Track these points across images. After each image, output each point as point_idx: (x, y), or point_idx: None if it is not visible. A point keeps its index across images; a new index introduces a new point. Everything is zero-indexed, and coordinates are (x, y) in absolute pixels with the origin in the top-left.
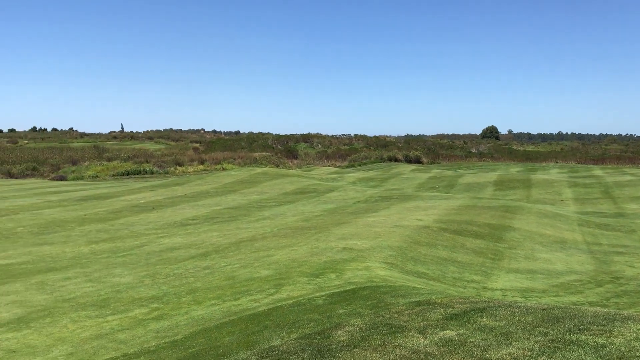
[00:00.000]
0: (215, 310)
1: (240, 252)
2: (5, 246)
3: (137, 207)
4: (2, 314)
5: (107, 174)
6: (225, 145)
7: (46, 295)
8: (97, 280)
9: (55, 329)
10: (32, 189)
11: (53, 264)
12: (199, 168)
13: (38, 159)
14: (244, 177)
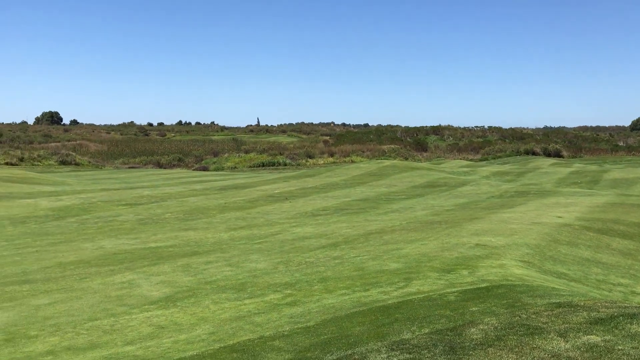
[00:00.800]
0: (346, 299)
1: (369, 244)
2: (156, 230)
3: (271, 197)
4: (152, 292)
5: (245, 165)
6: (354, 137)
7: (190, 277)
8: (235, 265)
9: (198, 308)
10: (179, 178)
11: (197, 248)
12: (329, 160)
13: (183, 151)
14: (372, 169)
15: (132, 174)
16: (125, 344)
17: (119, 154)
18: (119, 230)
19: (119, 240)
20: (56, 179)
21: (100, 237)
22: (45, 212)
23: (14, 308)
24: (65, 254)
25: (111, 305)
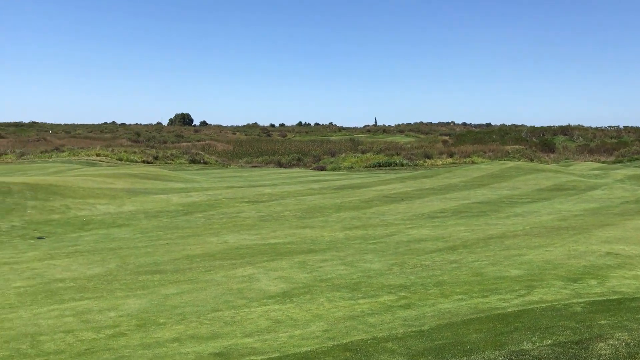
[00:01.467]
0: (462, 305)
1: (489, 249)
2: (275, 227)
3: (387, 198)
4: (270, 287)
5: (361, 165)
6: (475, 137)
7: (306, 274)
8: (350, 264)
9: (313, 305)
10: (297, 177)
11: (313, 246)
12: (448, 161)
13: (302, 151)
14: (494, 171)
15: (255, 172)
16: (244, 335)
17: (243, 154)
18: (241, 226)
19: (241, 235)
20: (186, 176)
21: (225, 232)
22: (175, 207)
23: (146, 296)
24: (192, 247)
25: (232, 298)
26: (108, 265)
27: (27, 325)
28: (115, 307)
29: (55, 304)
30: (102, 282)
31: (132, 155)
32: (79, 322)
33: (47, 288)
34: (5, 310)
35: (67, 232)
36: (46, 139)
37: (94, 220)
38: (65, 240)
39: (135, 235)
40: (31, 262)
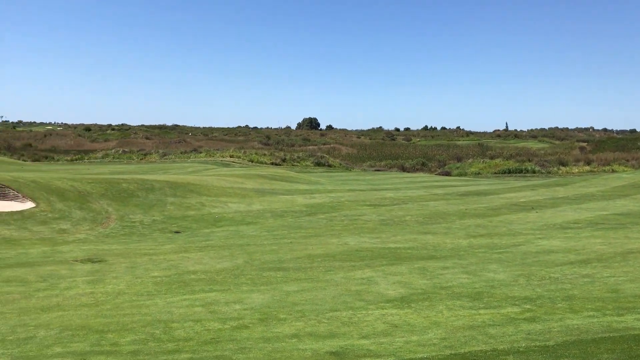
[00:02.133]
0: (594, 322)
1: (628, 264)
2: (396, 231)
3: (516, 206)
4: (389, 291)
5: (489, 172)
6: (616, 144)
7: (426, 281)
8: (472, 273)
9: (432, 312)
10: (421, 182)
11: (434, 252)
12: (585, 169)
13: (427, 155)
14: (637, 180)
15: (377, 176)
16: (360, 337)
17: (367, 157)
18: (362, 229)
19: (361, 238)
20: (311, 178)
21: (345, 234)
22: (300, 207)
23: (269, 292)
24: (314, 247)
25: (350, 299)
26: (236, 260)
27: (162, 312)
28: (240, 301)
29: (187, 294)
30: (230, 276)
31: (262, 157)
32: (207, 313)
33: (180, 279)
34: (144, 297)
35: (200, 228)
36: (186, 141)
37: (225, 217)
38: (199, 235)
39: (261, 233)
40: (168, 254)
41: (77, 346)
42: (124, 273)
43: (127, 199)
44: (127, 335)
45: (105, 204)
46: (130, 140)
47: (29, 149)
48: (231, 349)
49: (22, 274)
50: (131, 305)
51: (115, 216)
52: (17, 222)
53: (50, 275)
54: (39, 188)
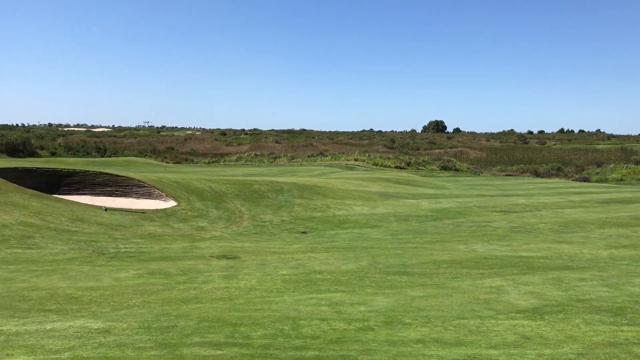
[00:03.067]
0: None
1: None
2: (528, 239)
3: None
4: (520, 301)
5: (633, 178)
6: None
7: (561, 292)
8: (613, 287)
9: (567, 326)
10: (555, 188)
11: (570, 262)
12: None
13: (563, 160)
14: None
15: (508, 181)
16: (489, 347)
17: (497, 162)
18: (491, 235)
19: (490, 245)
20: (436, 182)
21: (473, 241)
22: (425, 212)
23: (393, 295)
24: (439, 253)
25: (478, 308)
26: (360, 262)
27: (290, 309)
28: (365, 302)
29: (313, 293)
30: (355, 278)
31: (386, 160)
32: (332, 312)
33: (307, 278)
34: (273, 293)
35: (326, 229)
36: (313, 145)
37: (350, 219)
38: (325, 236)
39: (385, 237)
40: (295, 253)
41: (213, 337)
42: (255, 270)
43: (258, 200)
44: (258, 330)
45: (238, 204)
46: (261, 144)
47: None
48: (356, 350)
49: (165, 267)
50: (262, 301)
51: (248, 215)
52: (161, 219)
53: (190, 269)
54: (180, 188)
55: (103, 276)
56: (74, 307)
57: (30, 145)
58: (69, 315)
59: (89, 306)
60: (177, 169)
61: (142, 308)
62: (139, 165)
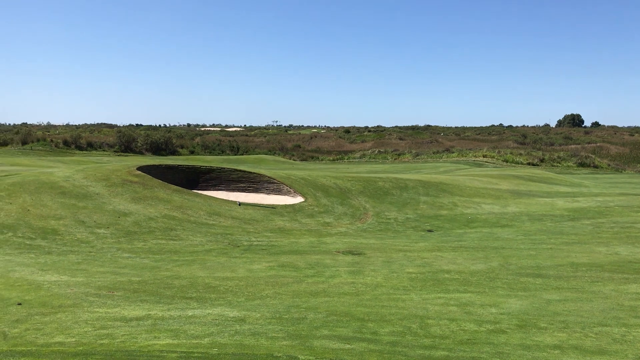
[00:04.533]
0: None
1: None
2: None
3: None
4: None
5: None
6: None
7: None
8: None
9: None
10: None
11: None
12: None
13: None
14: None
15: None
16: (636, 358)
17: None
18: (636, 238)
19: (635, 248)
20: (573, 180)
21: (615, 243)
22: (560, 211)
23: (527, 298)
24: (577, 255)
25: (623, 315)
26: (490, 263)
27: (417, 307)
28: (496, 304)
29: (441, 292)
30: (485, 279)
31: (517, 157)
32: (462, 313)
33: (434, 277)
34: (400, 291)
35: (453, 228)
36: (438, 141)
37: (479, 218)
38: (451, 235)
39: (517, 237)
40: (421, 251)
41: (341, 331)
42: (381, 267)
43: (382, 197)
44: (385, 326)
45: (363, 200)
46: (384, 140)
47: (298, 149)
48: (488, 352)
49: (294, 261)
50: (388, 298)
51: (372, 212)
52: (290, 214)
53: (317, 263)
54: (307, 184)
55: (238, 267)
56: (212, 295)
57: (171, 145)
58: (207, 303)
59: (225, 295)
60: (304, 166)
61: (273, 299)
62: (268, 162)
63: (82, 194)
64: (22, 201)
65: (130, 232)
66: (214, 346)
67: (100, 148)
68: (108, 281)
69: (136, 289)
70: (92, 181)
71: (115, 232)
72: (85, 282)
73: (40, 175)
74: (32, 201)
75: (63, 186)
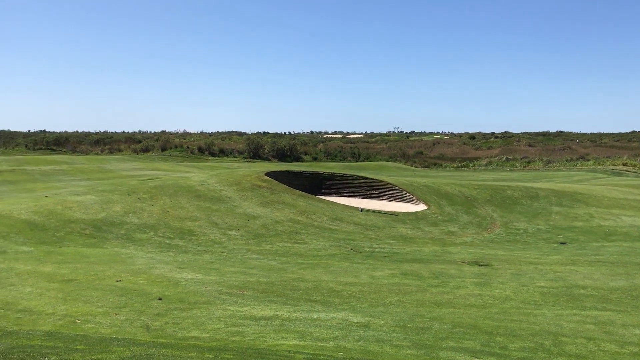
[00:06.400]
0: None
1: None
2: None
3: None
4: None
5: None
6: None
7: None
8: None
9: None
10: None
11: None
12: None
13: None
14: None
15: None
16: None
17: None
18: None
19: None
20: None
21: None
22: None
23: None
24: None
25: None
26: (633, 280)
27: (550, 324)
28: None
29: (576, 309)
30: (627, 297)
31: None
32: (600, 332)
33: (568, 292)
34: (530, 305)
35: (589, 240)
36: (571, 148)
37: (618, 231)
38: (587, 248)
39: None
40: (554, 265)
41: (468, 343)
42: (510, 279)
43: (511, 206)
44: (515, 341)
45: (490, 209)
46: (513, 147)
47: (419, 156)
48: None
49: (417, 269)
50: (518, 312)
51: (500, 222)
52: (412, 222)
53: (441, 273)
54: (430, 192)
55: (360, 273)
56: (336, 299)
57: (296, 151)
58: (332, 307)
59: (348, 300)
60: (426, 173)
61: (397, 307)
62: (390, 169)
63: (216, 198)
64: (162, 203)
65: (258, 235)
66: (339, 350)
67: (231, 154)
68: (239, 281)
69: (264, 289)
70: (224, 185)
71: (245, 234)
72: (218, 281)
73: (179, 180)
74: (171, 203)
75: (198, 190)
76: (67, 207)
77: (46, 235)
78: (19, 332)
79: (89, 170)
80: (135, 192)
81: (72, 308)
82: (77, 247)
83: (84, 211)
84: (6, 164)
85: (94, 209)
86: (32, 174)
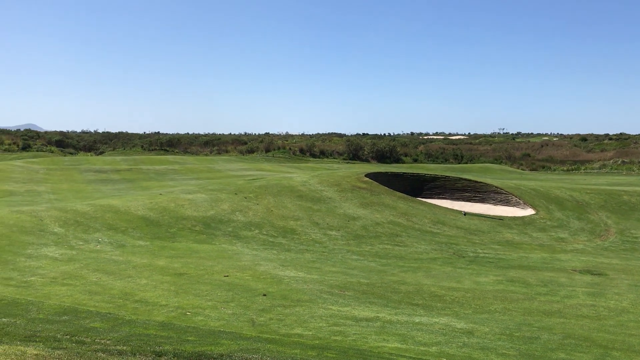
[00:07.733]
0: None
1: None
2: None
3: None
4: None
5: None
6: None
7: None
8: None
9: None
10: None
11: None
12: None
13: None
14: None
15: None
16: None
17: None
18: None
19: None
20: None
21: None
22: None
23: None
24: None
25: None
26: None
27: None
28: None
29: None
30: None
31: None
32: None
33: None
34: None
35: None
36: None
37: None
38: None
39: None
40: None
41: (580, 356)
42: (627, 290)
43: (628, 213)
44: (635, 357)
45: (604, 215)
46: (629, 150)
47: (527, 158)
48: None
49: (524, 276)
50: (637, 325)
51: (615, 229)
52: (519, 227)
53: (550, 281)
54: (538, 196)
55: (463, 278)
56: (438, 304)
57: (395, 153)
58: (434, 311)
59: (451, 305)
60: (534, 176)
61: (502, 314)
62: (494, 171)
63: (317, 198)
64: (266, 202)
65: (358, 236)
66: (442, 355)
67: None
68: (339, 281)
69: (365, 290)
70: (325, 186)
71: (345, 235)
72: (319, 280)
73: (282, 180)
74: (275, 203)
75: (300, 190)
76: (179, 204)
77: (160, 230)
78: (136, 321)
79: (198, 170)
80: (242, 191)
81: (183, 300)
82: (188, 243)
83: (195, 209)
84: (125, 163)
85: (203, 207)
86: (147, 172)
